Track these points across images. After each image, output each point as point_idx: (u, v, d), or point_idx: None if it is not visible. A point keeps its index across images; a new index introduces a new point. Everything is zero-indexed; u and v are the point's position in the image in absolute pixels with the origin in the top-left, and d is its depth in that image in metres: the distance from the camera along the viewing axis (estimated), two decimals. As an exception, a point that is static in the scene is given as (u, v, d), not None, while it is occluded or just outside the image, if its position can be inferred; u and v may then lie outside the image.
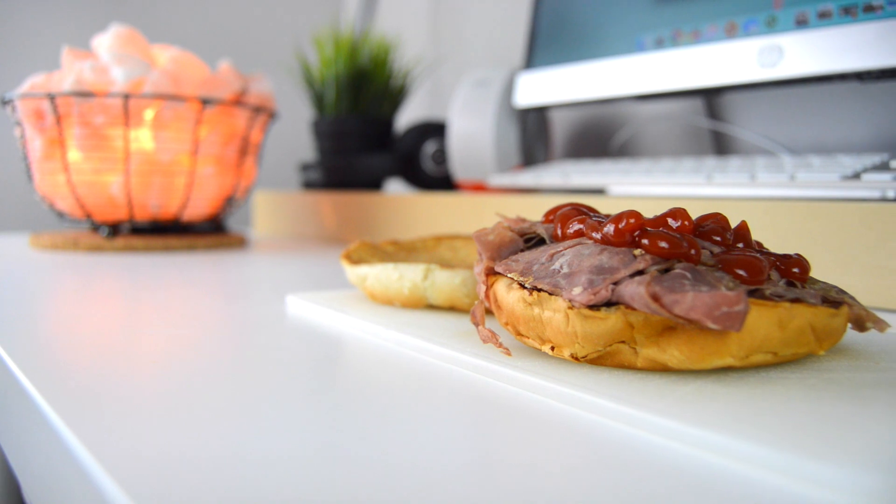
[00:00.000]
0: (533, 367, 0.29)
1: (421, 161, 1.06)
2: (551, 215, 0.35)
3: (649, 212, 0.47)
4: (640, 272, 0.27)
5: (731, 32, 0.70)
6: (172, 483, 0.20)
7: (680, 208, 0.30)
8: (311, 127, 1.12)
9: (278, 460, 0.22)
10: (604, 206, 0.66)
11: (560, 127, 1.11)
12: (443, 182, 1.07)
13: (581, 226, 0.31)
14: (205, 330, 0.41)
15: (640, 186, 0.69)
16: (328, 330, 0.41)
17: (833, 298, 0.30)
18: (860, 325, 0.31)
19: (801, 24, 0.66)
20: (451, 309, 0.43)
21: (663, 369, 0.28)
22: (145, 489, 0.20)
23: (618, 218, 0.29)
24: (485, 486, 0.20)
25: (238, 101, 0.88)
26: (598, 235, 0.30)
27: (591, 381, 0.27)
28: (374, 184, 1.09)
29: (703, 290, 0.25)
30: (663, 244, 0.27)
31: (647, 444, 0.23)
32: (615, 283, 0.27)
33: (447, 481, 0.20)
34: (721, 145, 0.87)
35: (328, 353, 0.36)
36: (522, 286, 0.30)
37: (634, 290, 0.26)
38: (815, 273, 0.53)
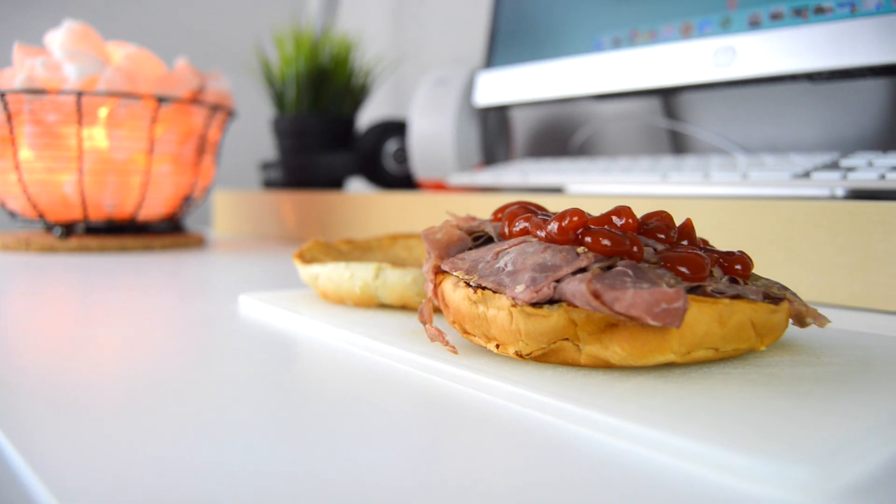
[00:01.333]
0: (478, 365, 0.29)
1: (382, 160, 1.06)
2: (500, 214, 0.35)
3: (605, 210, 0.47)
4: (583, 270, 0.27)
5: (686, 33, 0.71)
6: (112, 491, 0.20)
7: (625, 206, 0.30)
8: (271, 125, 1.11)
9: (221, 465, 0.21)
10: (563, 204, 0.66)
11: (521, 126, 1.11)
12: (404, 181, 1.06)
13: (527, 224, 0.31)
14: (154, 331, 0.40)
15: (597, 185, 0.70)
16: (280, 330, 0.40)
17: (774, 295, 0.31)
18: (800, 321, 0.31)
19: (755, 25, 0.67)
20: (403, 308, 0.43)
21: (606, 366, 0.28)
22: (81, 497, 0.19)
23: (561, 216, 0.29)
24: (427, 483, 0.20)
25: (195, 100, 0.87)
26: (542, 234, 0.30)
27: (534, 379, 0.27)
28: (335, 183, 1.09)
29: (643, 288, 0.26)
30: (606, 242, 0.28)
31: (586, 440, 0.23)
32: (557, 281, 0.27)
33: (392, 481, 0.20)
34: (678, 144, 0.88)
35: (278, 354, 0.35)
36: (468, 284, 0.30)
37: (576, 288, 0.26)
38: (766, 270, 0.54)
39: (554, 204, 0.66)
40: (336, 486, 0.20)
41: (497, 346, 0.29)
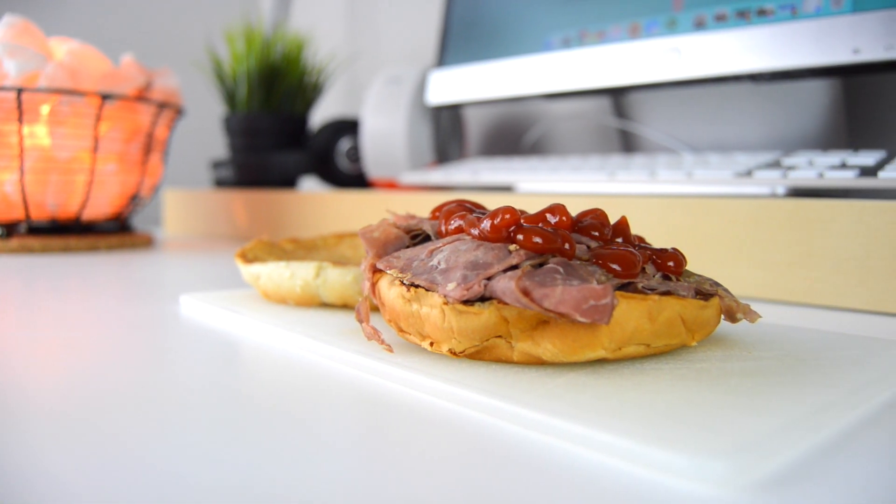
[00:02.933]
0: (412, 363, 0.29)
1: (335, 159, 1.05)
2: (438, 212, 0.35)
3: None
4: (514, 267, 0.27)
5: (634, 33, 0.72)
6: (45, 499, 0.19)
7: (559, 204, 0.31)
8: (222, 124, 1.09)
9: (152, 470, 0.21)
10: (511, 203, 0.66)
11: (475, 124, 1.11)
12: (358, 180, 1.06)
13: (461, 222, 0.31)
14: (92, 334, 0.39)
15: (546, 184, 0.70)
16: (220, 330, 0.40)
17: (706, 291, 0.31)
18: (731, 316, 0.32)
19: (699, 26, 0.68)
20: (345, 307, 0.42)
21: (539, 363, 0.28)
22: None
23: (494, 214, 0.29)
24: (357, 480, 0.20)
25: (141, 97, 0.85)
26: (476, 232, 0.30)
27: (466, 376, 0.27)
28: (288, 182, 1.08)
29: (573, 285, 0.26)
30: (537, 239, 0.28)
31: (514, 436, 0.23)
32: (489, 279, 0.27)
33: (326, 481, 0.20)
34: (628, 144, 0.89)
35: (216, 355, 0.35)
36: (403, 283, 0.30)
37: (506, 285, 0.26)
38: (709, 267, 0.55)
39: (502, 202, 0.66)
40: (269, 487, 0.19)
41: (431, 344, 0.29)
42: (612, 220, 0.33)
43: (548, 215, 0.30)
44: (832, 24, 0.60)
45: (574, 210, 0.33)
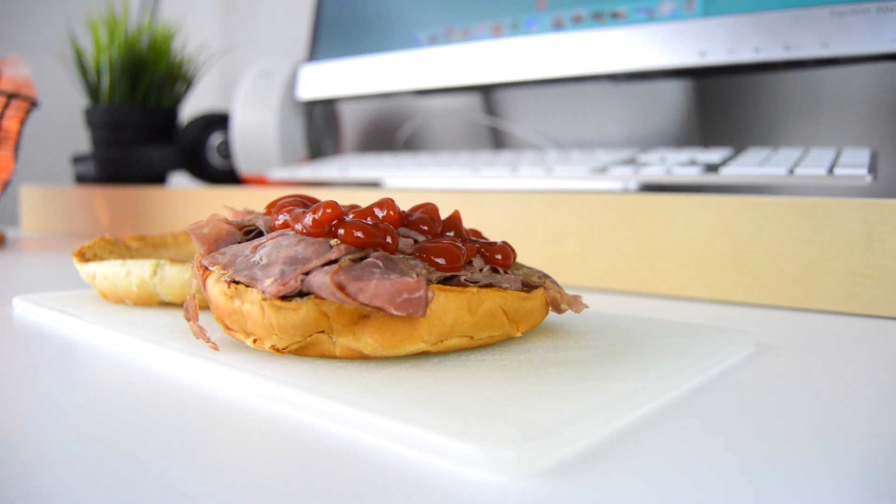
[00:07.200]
0: (236, 361, 0.29)
1: (206, 154, 1.02)
2: (272, 207, 0.34)
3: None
4: (334, 262, 0.27)
5: (497, 32, 0.73)
6: None
7: (387, 199, 0.31)
8: (84, 117, 1.04)
9: None
10: (379, 198, 0.66)
11: (350, 120, 1.10)
12: (230, 175, 1.03)
13: (287, 217, 0.30)
14: None
15: (413, 180, 0.70)
16: (52, 334, 0.38)
17: (533, 283, 0.32)
18: (556, 307, 0.33)
19: (558, 27, 0.70)
20: (186, 306, 0.41)
21: (362, 357, 0.28)
22: None
23: (315, 209, 0.29)
24: (170, 482, 0.19)
25: (-13, 87, 0.80)
26: (299, 227, 0.29)
27: (287, 373, 0.27)
28: (156, 178, 1.04)
29: (391, 278, 0.26)
30: (358, 234, 0.28)
31: (324, 431, 0.23)
32: (306, 274, 0.27)
33: (140, 481, 0.19)
34: (498, 140, 0.90)
35: (45, 358, 0.33)
36: (225, 279, 0.29)
37: (321, 280, 0.26)
38: (565, 261, 0.56)
39: (370, 198, 0.66)
40: (95, 487, 0.18)
41: (254, 341, 0.29)
42: (476, 215, 0.33)
43: (375, 209, 0.30)
44: (681, 27, 0.63)
45: (443, 206, 0.33)
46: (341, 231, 0.28)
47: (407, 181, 0.71)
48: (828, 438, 0.23)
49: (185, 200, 0.87)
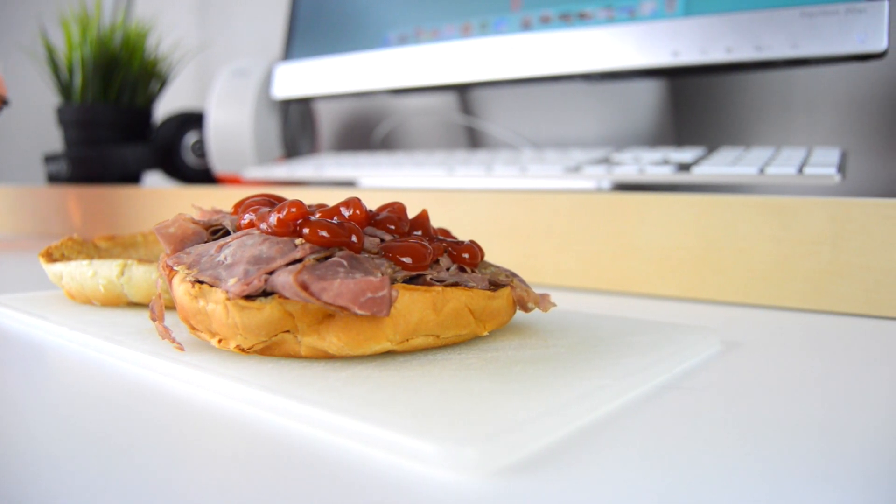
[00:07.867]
0: (201, 361, 0.28)
1: (181, 153, 1.01)
2: (239, 206, 0.34)
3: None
4: (298, 261, 0.27)
5: (466, 32, 0.73)
6: None
7: (354, 197, 0.30)
8: (56, 115, 1.03)
9: None
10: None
11: (326, 119, 1.10)
12: (205, 175, 1.02)
13: (253, 216, 0.30)
14: None
15: (388, 179, 0.70)
16: (17, 335, 0.37)
17: (500, 282, 0.32)
18: (523, 306, 0.33)
19: (526, 27, 0.70)
20: (154, 306, 0.40)
21: (327, 357, 0.28)
22: None
23: (280, 208, 0.28)
24: (135, 481, 0.19)
25: (-44, 84, 0.79)
26: (265, 226, 0.29)
27: (252, 373, 0.27)
28: (130, 177, 1.03)
29: (355, 278, 0.26)
30: (323, 233, 0.27)
31: (287, 431, 0.23)
32: (270, 273, 0.26)
33: (107, 480, 0.19)
34: (474, 140, 0.90)
35: (8, 359, 0.33)
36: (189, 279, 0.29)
37: (285, 280, 0.25)
38: (538, 260, 0.56)
39: (344, 198, 0.66)
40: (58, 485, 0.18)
41: (219, 341, 0.28)
42: (450, 214, 0.33)
43: (342, 209, 0.30)
44: (655, 28, 0.63)
45: (413, 205, 0.33)
46: (306, 230, 0.28)
47: (382, 180, 0.71)
48: (793, 435, 0.23)
49: (160, 200, 0.86)
